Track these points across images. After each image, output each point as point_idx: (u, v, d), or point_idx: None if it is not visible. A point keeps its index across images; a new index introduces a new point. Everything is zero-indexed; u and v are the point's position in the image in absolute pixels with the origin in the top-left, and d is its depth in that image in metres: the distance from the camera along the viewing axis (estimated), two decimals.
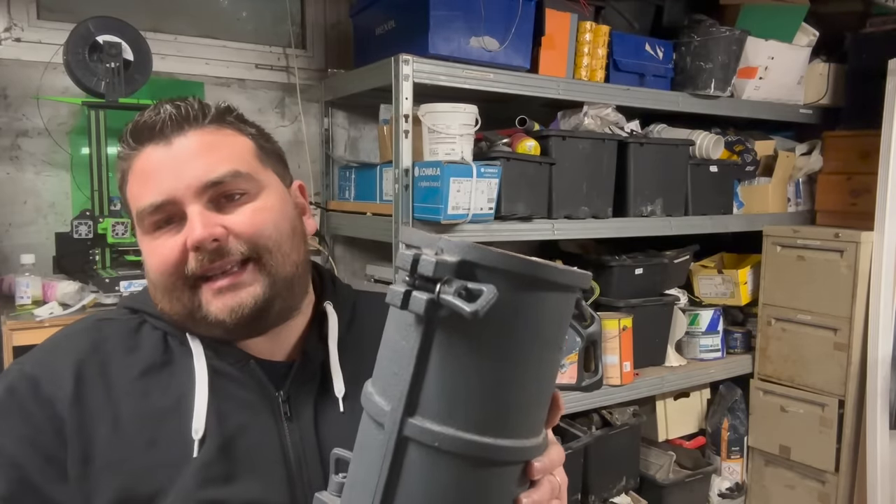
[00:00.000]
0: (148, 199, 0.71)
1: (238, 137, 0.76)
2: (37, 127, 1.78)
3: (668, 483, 2.21)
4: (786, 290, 2.28)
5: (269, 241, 0.73)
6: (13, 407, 0.69)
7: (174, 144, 0.72)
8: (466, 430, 0.47)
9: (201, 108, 0.75)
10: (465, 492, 0.49)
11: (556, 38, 1.89)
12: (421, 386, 0.48)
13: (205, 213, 0.70)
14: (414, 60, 1.64)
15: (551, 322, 0.50)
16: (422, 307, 0.45)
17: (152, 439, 0.70)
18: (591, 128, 1.97)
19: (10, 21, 1.76)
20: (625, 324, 2.03)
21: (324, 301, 0.83)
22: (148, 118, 0.73)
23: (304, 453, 0.74)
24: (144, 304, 0.78)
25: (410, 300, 0.46)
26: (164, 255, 0.71)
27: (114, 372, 0.73)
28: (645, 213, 2.08)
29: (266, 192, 0.75)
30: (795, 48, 2.35)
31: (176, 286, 0.72)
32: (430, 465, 0.48)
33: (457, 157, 1.61)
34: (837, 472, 2.15)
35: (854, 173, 2.31)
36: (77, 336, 0.76)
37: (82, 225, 1.60)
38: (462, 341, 0.47)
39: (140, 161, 0.73)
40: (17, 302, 1.55)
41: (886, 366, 2.04)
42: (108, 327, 0.77)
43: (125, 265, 1.68)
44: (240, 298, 0.71)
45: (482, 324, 0.45)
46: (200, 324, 0.73)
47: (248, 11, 2.12)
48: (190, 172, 0.71)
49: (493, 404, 0.48)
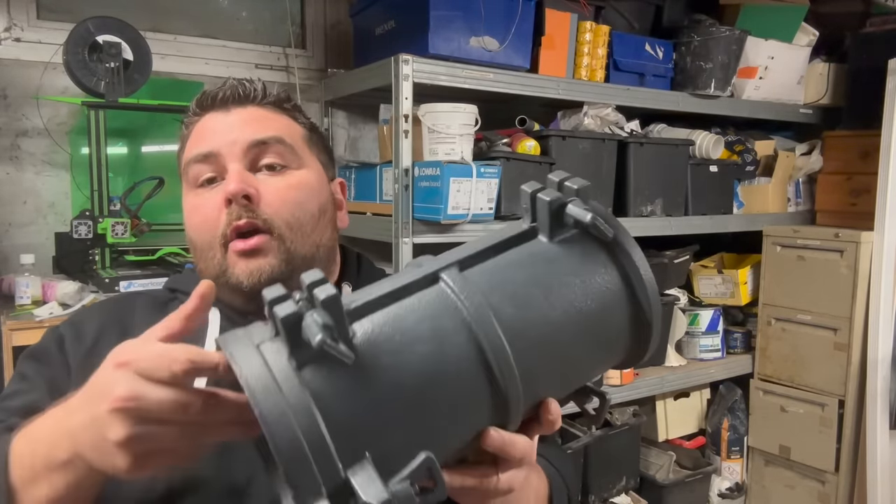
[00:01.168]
0: (195, 151, 0.77)
1: (291, 121, 0.82)
2: (37, 127, 1.78)
3: (668, 483, 2.21)
4: (786, 290, 2.28)
5: (291, 217, 0.75)
6: (43, 353, 0.79)
7: (231, 112, 0.78)
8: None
9: (264, 89, 0.81)
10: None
11: (556, 38, 1.89)
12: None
13: (242, 171, 0.75)
14: (414, 60, 1.64)
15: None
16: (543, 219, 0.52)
17: None
18: (591, 128, 1.97)
19: (10, 21, 1.76)
20: None
21: (342, 282, 0.84)
22: (214, 90, 0.79)
23: None
24: (181, 284, 0.84)
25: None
26: (204, 212, 0.75)
27: (133, 332, 0.75)
28: (645, 213, 2.08)
29: (304, 170, 0.79)
30: (795, 48, 2.35)
31: (211, 245, 0.75)
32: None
33: (457, 157, 1.61)
34: (837, 472, 2.15)
35: (854, 173, 2.31)
36: (109, 304, 0.85)
37: (82, 225, 1.60)
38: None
39: (200, 125, 0.79)
40: (16, 302, 1.55)
41: (886, 366, 2.04)
42: (140, 298, 0.84)
43: (125, 265, 1.68)
44: (258, 263, 0.74)
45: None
46: (224, 288, 0.75)
47: (248, 11, 2.12)
48: (239, 133, 0.76)
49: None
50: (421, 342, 0.43)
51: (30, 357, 0.80)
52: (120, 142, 1.86)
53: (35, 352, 0.80)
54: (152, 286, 1.56)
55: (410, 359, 0.42)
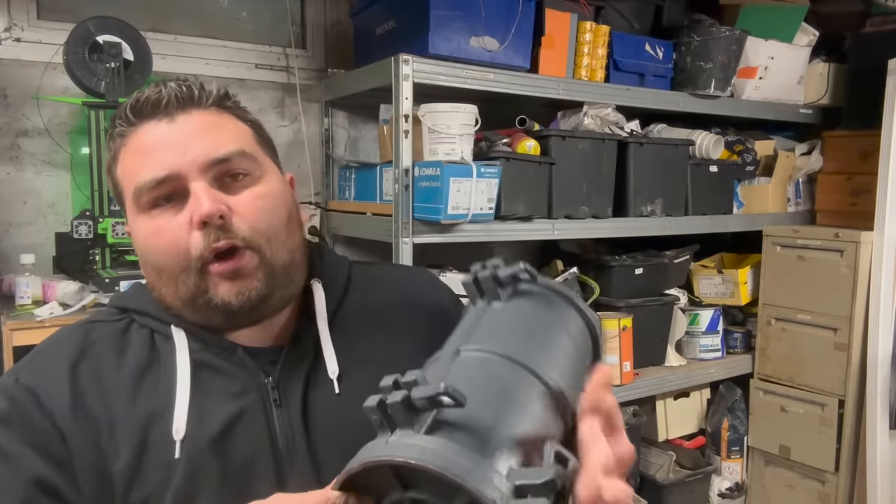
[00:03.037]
0: (149, 174, 0.70)
1: (238, 123, 0.77)
2: (37, 127, 1.78)
3: (668, 483, 2.21)
4: (786, 290, 2.28)
5: (268, 229, 0.72)
6: (15, 416, 0.68)
7: (177, 121, 0.71)
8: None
9: (203, 90, 0.74)
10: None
11: (556, 38, 1.89)
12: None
13: (210, 190, 0.70)
14: (414, 60, 1.64)
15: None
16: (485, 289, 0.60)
17: (143, 444, 0.69)
18: (591, 128, 1.97)
19: (10, 21, 1.76)
20: (625, 324, 2.03)
21: (311, 278, 0.81)
22: (150, 95, 0.72)
23: (294, 440, 0.73)
24: (132, 302, 0.78)
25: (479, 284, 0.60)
26: (171, 235, 0.70)
27: (106, 376, 0.72)
28: (645, 212, 2.08)
29: (267, 177, 0.75)
30: (795, 48, 2.35)
31: (183, 269, 0.70)
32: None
33: (457, 157, 1.61)
34: (837, 472, 2.15)
35: (854, 173, 2.31)
36: (67, 341, 0.74)
37: (82, 225, 1.60)
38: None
39: (139, 137, 0.72)
40: (16, 302, 1.55)
41: (886, 366, 2.04)
42: (96, 331, 0.76)
43: (125, 265, 1.68)
44: (247, 282, 0.70)
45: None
46: (202, 309, 0.72)
47: (248, 11, 2.12)
48: (195, 149, 0.70)
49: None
50: (490, 380, 0.51)
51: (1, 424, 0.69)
52: None
53: (5, 416, 0.68)
54: None
55: (488, 392, 0.50)
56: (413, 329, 0.83)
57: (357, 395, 0.75)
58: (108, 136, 0.75)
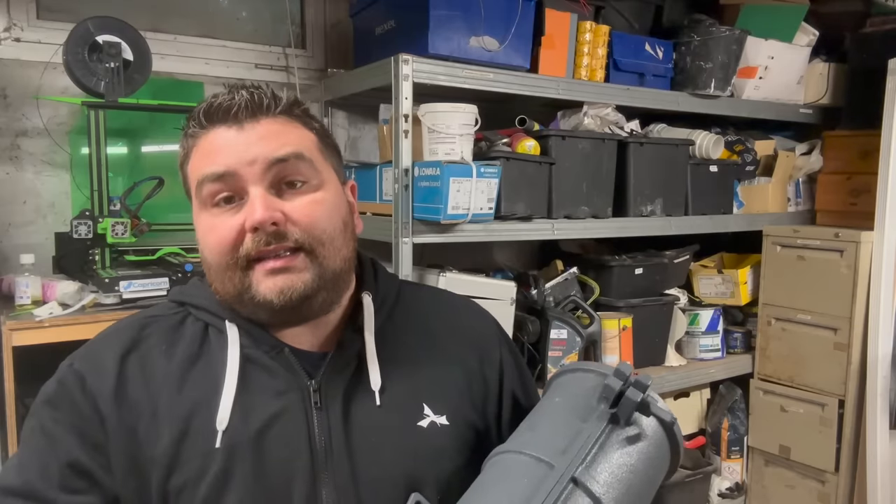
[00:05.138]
0: (210, 169, 0.74)
1: (304, 130, 0.79)
2: (36, 127, 1.78)
3: (667, 483, 2.20)
4: (786, 290, 2.28)
5: (322, 234, 0.75)
6: (63, 398, 0.74)
7: (245, 128, 0.75)
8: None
9: (274, 98, 0.77)
10: None
11: (556, 38, 1.89)
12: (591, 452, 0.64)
13: (266, 196, 0.73)
14: (414, 60, 1.64)
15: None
16: (627, 411, 0.65)
17: (184, 431, 0.73)
18: (591, 127, 1.97)
19: (10, 21, 1.76)
20: (625, 324, 2.03)
21: (362, 291, 0.84)
22: (223, 101, 0.75)
23: (331, 444, 0.75)
24: (190, 297, 0.82)
25: (622, 403, 0.64)
26: (222, 234, 0.73)
27: (153, 367, 0.76)
28: (645, 212, 2.08)
29: (325, 185, 0.78)
30: (795, 48, 2.35)
31: (229, 266, 0.74)
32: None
33: (457, 157, 1.61)
34: (837, 472, 2.15)
35: (854, 173, 2.31)
36: (122, 332, 0.79)
37: (82, 225, 1.60)
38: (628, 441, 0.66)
39: (208, 139, 0.75)
40: (16, 302, 1.55)
41: (886, 366, 2.04)
42: (152, 325, 0.80)
43: (125, 265, 1.68)
44: (290, 281, 0.73)
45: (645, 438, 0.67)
46: (248, 305, 0.75)
47: (248, 11, 2.12)
48: (255, 151, 0.73)
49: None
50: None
51: (47, 404, 0.75)
52: (120, 142, 1.86)
53: (53, 398, 0.75)
54: (152, 286, 1.56)
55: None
56: (454, 354, 0.86)
57: (395, 409, 0.78)
58: (182, 134, 0.79)
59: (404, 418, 0.78)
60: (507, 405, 0.88)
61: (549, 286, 2.07)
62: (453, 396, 0.83)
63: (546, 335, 1.89)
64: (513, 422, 0.82)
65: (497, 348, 0.90)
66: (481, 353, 0.88)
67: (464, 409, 0.83)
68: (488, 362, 0.88)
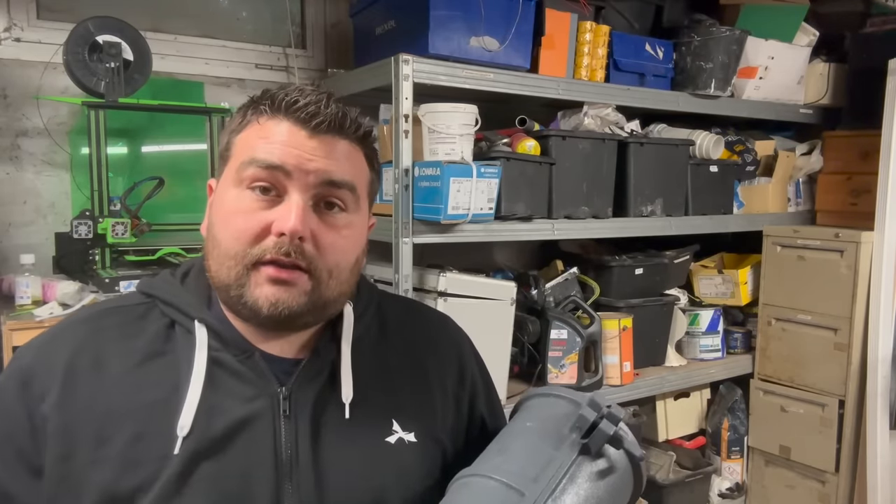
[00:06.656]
0: (266, 156, 0.72)
1: (365, 165, 0.80)
2: (37, 127, 1.78)
3: (668, 483, 2.21)
4: (786, 290, 2.28)
5: (334, 266, 0.74)
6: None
7: (315, 137, 0.73)
8: None
9: (356, 124, 0.77)
10: None
11: (556, 38, 1.89)
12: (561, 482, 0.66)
13: (306, 209, 0.72)
14: (414, 60, 1.64)
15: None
16: (599, 443, 0.67)
17: (139, 433, 0.70)
18: (591, 128, 1.97)
19: (10, 21, 1.76)
20: (625, 324, 2.03)
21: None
22: (311, 107, 0.73)
23: (297, 454, 0.73)
24: (159, 290, 0.79)
25: (594, 434, 0.67)
26: (248, 224, 0.72)
27: (108, 363, 0.73)
28: (645, 213, 2.08)
29: (357, 220, 0.78)
30: (795, 48, 2.35)
31: (237, 256, 0.72)
32: None
33: (457, 157, 1.61)
34: (837, 472, 2.15)
35: (854, 173, 2.31)
36: (77, 326, 0.77)
37: (82, 225, 1.60)
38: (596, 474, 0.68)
39: (277, 127, 0.73)
40: (16, 302, 1.55)
41: (886, 366, 2.04)
42: (110, 317, 0.77)
43: (125, 265, 1.68)
44: (287, 296, 0.71)
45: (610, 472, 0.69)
46: (234, 301, 0.73)
47: (248, 11, 2.12)
48: (317, 164, 0.72)
49: None
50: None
51: None
52: (120, 142, 1.86)
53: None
54: None
55: None
56: (428, 370, 0.85)
57: (364, 422, 0.77)
58: (249, 103, 0.77)
59: (372, 433, 0.77)
60: (475, 425, 0.88)
61: (550, 286, 2.07)
62: (423, 413, 0.81)
63: (546, 335, 1.89)
64: (479, 442, 0.80)
65: (469, 367, 0.90)
66: (455, 370, 0.87)
67: (433, 427, 0.82)
68: (461, 381, 0.87)
